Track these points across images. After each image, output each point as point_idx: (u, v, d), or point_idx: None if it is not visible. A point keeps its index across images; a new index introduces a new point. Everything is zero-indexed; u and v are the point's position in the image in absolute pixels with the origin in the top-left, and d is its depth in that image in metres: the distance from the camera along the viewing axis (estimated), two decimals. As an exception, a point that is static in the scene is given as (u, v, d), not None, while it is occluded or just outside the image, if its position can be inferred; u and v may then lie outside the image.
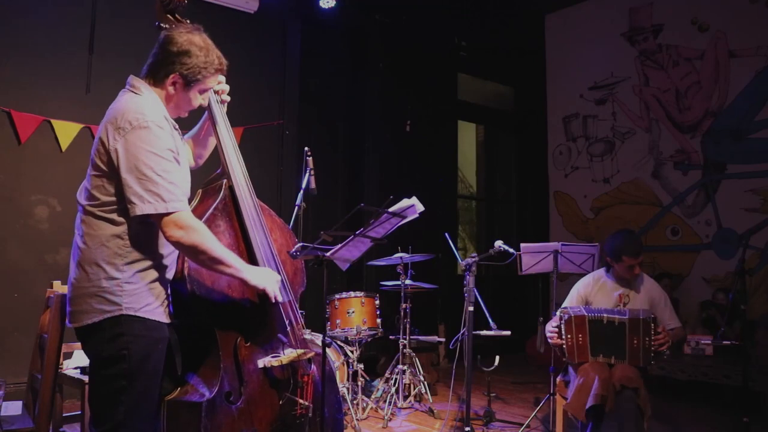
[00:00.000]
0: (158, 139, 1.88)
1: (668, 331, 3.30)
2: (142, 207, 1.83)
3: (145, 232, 1.94)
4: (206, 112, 2.36)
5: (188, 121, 2.35)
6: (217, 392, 2.09)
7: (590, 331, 3.27)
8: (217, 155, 2.35)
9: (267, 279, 2.16)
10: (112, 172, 1.87)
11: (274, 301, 2.21)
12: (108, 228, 1.90)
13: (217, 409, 2.08)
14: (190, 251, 1.95)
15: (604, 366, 3.25)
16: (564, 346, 3.31)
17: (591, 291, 3.59)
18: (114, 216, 1.90)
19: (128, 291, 1.89)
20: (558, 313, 3.43)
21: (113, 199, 1.89)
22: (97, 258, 1.89)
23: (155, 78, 2.02)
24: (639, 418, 3.12)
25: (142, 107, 1.91)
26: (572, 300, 3.62)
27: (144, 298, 1.92)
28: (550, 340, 3.45)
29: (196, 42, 2.03)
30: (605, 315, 3.28)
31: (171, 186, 1.88)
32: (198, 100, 2.12)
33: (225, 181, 2.32)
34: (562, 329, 3.32)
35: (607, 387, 3.13)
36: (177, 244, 1.92)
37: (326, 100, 6.46)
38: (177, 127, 2.07)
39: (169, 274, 2.04)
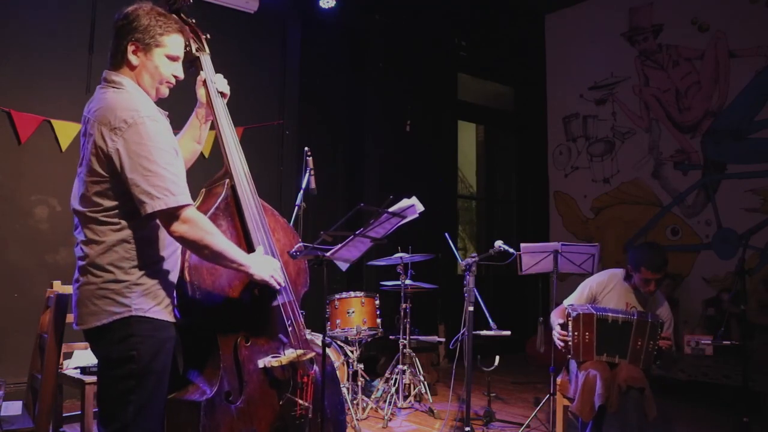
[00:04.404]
0: (157, 134, 1.86)
1: (669, 343, 3.32)
2: (153, 204, 1.81)
3: (151, 234, 1.93)
4: (197, 106, 2.35)
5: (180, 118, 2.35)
6: (217, 392, 2.09)
7: (597, 330, 3.29)
8: (221, 155, 2.35)
9: (268, 269, 2.15)
10: (113, 176, 1.85)
11: (279, 288, 2.20)
12: (114, 234, 1.88)
13: (216, 409, 2.08)
14: (193, 246, 1.95)
15: (606, 366, 3.26)
16: (569, 344, 3.32)
17: (603, 289, 3.58)
18: (118, 219, 1.88)
19: (137, 292, 1.88)
20: (565, 306, 3.43)
21: (116, 202, 1.87)
22: (104, 262, 1.87)
23: (118, 59, 1.97)
24: (643, 419, 3.12)
25: (132, 103, 1.88)
26: (582, 295, 3.62)
27: (152, 299, 1.91)
28: (556, 341, 3.45)
29: (143, 7, 2.00)
30: (610, 314, 3.30)
31: (176, 179, 1.87)
32: (168, 67, 2.02)
33: (227, 180, 2.32)
34: (569, 326, 3.32)
35: (610, 387, 3.14)
36: (180, 239, 1.91)
37: (326, 100, 6.46)
38: (167, 115, 2.02)
39: (174, 274, 2.03)
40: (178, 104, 2.34)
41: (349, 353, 4.41)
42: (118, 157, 1.82)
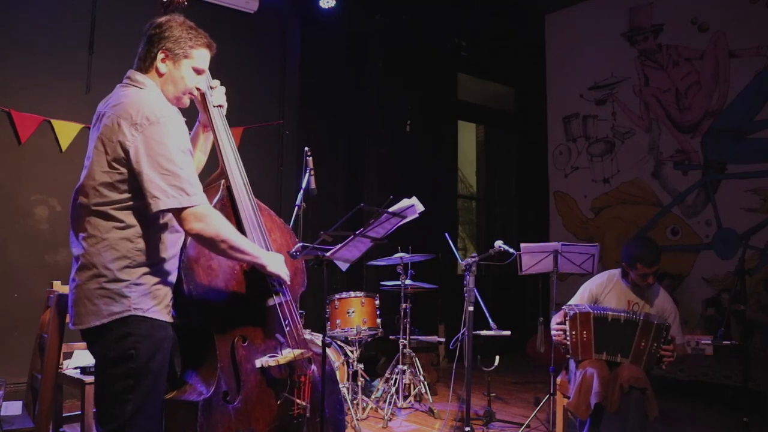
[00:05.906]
0: (177, 134, 1.90)
1: (676, 345, 3.32)
2: (167, 201, 1.83)
3: (155, 235, 1.93)
4: (200, 116, 2.36)
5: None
6: (214, 392, 2.09)
7: (595, 328, 3.28)
8: (216, 157, 2.36)
9: (280, 264, 2.21)
10: (129, 170, 1.86)
11: (289, 283, 2.26)
12: (117, 231, 1.87)
13: (213, 409, 2.08)
14: (210, 242, 1.97)
15: (604, 364, 3.25)
16: (568, 343, 3.32)
17: (603, 290, 3.59)
18: (125, 216, 1.87)
19: (137, 292, 1.88)
20: (564, 308, 3.43)
21: (126, 196, 1.87)
22: (105, 260, 1.86)
23: (146, 63, 2.03)
24: (644, 419, 3.12)
25: (155, 102, 1.93)
26: (582, 297, 3.62)
27: (151, 299, 1.91)
28: (554, 339, 3.45)
29: (176, 19, 2.07)
30: (610, 313, 3.30)
31: (192, 179, 1.90)
32: (193, 79, 2.09)
33: (223, 181, 2.32)
34: (567, 326, 3.32)
35: (608, 386, 3.14)
36: (197, 236, 1.94)
37: (326, 100, 6.46)
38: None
39: (174, 275, 2.03)
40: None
41: (349, 353, 4.41)
42: (136, 152, 1.83)
